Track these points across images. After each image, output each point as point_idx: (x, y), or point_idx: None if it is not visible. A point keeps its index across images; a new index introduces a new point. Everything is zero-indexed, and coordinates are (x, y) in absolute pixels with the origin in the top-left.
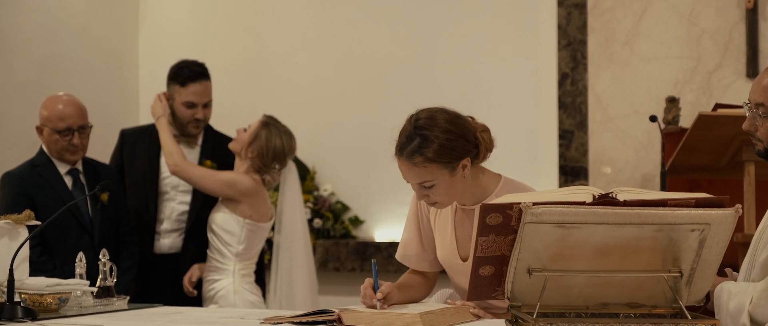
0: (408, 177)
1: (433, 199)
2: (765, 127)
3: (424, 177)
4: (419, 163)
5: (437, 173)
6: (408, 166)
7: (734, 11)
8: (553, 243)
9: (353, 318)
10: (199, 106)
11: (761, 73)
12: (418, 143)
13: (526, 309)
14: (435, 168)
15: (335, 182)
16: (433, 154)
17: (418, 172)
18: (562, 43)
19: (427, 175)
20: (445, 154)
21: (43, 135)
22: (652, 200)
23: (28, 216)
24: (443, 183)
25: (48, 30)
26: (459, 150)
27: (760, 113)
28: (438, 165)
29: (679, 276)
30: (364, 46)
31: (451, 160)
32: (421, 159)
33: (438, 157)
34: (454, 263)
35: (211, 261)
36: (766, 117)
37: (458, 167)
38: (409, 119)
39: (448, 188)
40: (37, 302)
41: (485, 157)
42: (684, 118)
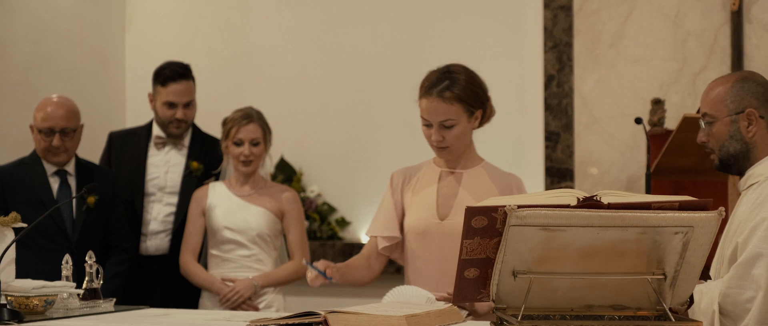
0: (435, 115)
1: (447, 141)
2: (713, 136)
3: (449, 114)
4: (448, 98)
5: (460, 114)
6: (437, 103)
7: (719, 13)
8: (538, 246)
9: (339, 320)
10: (179, 105)
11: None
12: (448, 83)
13: (511, 312)
14: (459, 108)
15: (322, 183)
16: (461, 91)
17: (445, 109)
18: (548, 45)
19: (452, 114)
20: (470, 96)
21: (33, 134)
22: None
23: (15, 219)
24: (461, 125)
25: (34, 31)
26: (480, 97)
27: (707, 122)
28: (462, 106)
29: (663, 279)
30: (350, 47)
31: (472, 105)
32: (451, 94)
33: (465, 96)
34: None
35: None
36: (711, 125)
37: (474, 115)
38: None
39: (462, 133)
40: (24, 304)
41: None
42: (669, 119)
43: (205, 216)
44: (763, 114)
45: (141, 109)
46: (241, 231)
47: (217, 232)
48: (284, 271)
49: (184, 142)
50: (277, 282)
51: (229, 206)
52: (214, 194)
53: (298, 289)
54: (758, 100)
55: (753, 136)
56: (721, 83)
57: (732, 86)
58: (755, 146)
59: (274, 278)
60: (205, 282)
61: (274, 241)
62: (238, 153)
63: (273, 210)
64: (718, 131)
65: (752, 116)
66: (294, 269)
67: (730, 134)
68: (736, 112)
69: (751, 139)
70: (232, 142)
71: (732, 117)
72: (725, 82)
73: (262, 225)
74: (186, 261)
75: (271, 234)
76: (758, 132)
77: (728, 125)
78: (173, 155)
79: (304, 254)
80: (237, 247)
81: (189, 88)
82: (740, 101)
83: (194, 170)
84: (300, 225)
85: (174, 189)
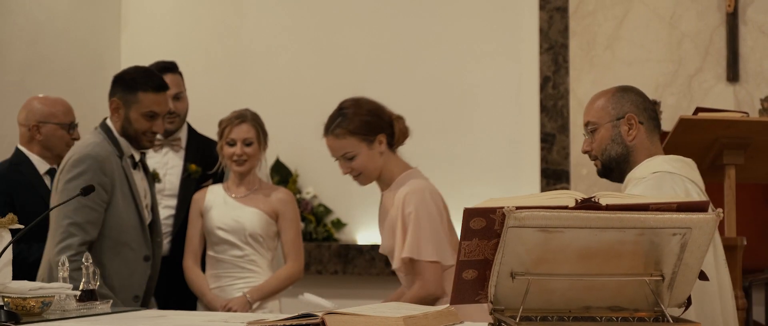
0: (334, 151)
1: (355, 171)
2: (597, 142)
3: (345, 148)
4: (340, 134)
5: (356, 145)
6: (332, 140)
7: (715, 15)
8: (536, 247)
9: (337, 322)
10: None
11: (592, 97)
12: (339, 119)
13: (509, 313)
14: (354, 140)
15: (318, 185)
16: (350, 124)
17: (340, 144)
18: (543, 47)
19: (348, 147)
20: (361, 126)
21: (42, 132)
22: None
23: (11, 220)
24: (362, 154)
25: (30, 32)
26: (374, 125)
27: (591, 130)
28: (357, 138)
29: (661, 280)
30: (346, 49)
31: (368, 133)
32: (341, 130)
33: (355, 128)
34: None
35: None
36: (593, 132)
37: (375, 142)
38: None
39: (367, 160)
40: (20, 306)
41: (400, 143)
42: (665, 121)
43: (203, 218)
44: (641, 120)
45: None
46: (234, 231)
47: (211, 233)
48: (276, 281)
49: (181, 144)
50: (271, 293)
51: (224, 207)
52: (211, 196)
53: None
54: (637, 107)
55: (633, 140)
56: (602, 95)
57: (613, 95)
58: (635, 150)
59: (268, 290)
60: (198, 292)
61: (269, 242)
62: (231, 153)
63: (267, 211)
64: (601, 137)
65: (632, 121)
66: (287, 275)
67: (612, 138)
68: (617, 117)
69: (631, 142)
70: (225, 143)
71: (613, 122)
72: (606, 94)
73: (255, 225)
74: (187, 267)
75: (264, 235)
76: (638, 136)
77: (610, 130)
78: (171, 157)
79: (298, 255)
80: (230, 248)
81: (176, 80)
82: (621, 108)
83: (192, 172)
84: (295, 226)
85: (173, 191)
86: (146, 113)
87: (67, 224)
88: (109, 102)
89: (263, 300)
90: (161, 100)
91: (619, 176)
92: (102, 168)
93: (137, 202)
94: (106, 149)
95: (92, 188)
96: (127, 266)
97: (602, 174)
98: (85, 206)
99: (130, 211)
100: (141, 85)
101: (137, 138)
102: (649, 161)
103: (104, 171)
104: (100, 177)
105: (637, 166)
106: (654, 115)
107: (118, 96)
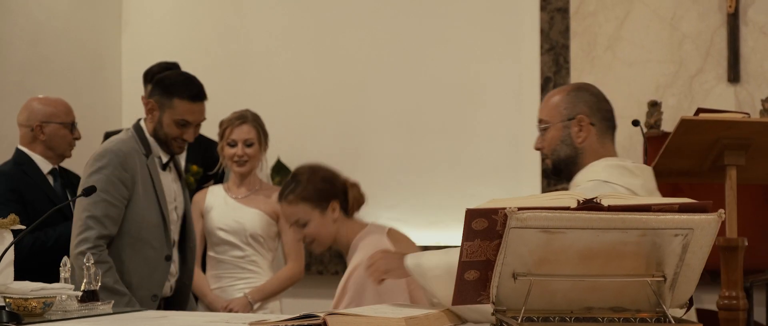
0: (286, 218)
1: (308, 237)
2: (547, 141)
3: (297, 215)
4: (292, 201)
5: (308, 212)
6: (285, 207)
7: (716, 16)
8: (538, 248)
9: (338, 322)
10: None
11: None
12: (292, 186)
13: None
14: (306, 207)
15: None
16: (302, 192)
17: (292, 211)
18: (544, 47)
19: (300, 214)
20: (313, 194)
21: (45, 132)
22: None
23: (13, 221)
24: (314, 222)
25: (30, 32)
26: (326, 192)
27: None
28: (309, 205)
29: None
30: (346, 49)
31: (320, 200)
32: (294, 197)
33: (307, 195)
34: None
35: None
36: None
37: (328, 209)
38: None
39: (320, 227)
40: (22, 306)
41: (355, 209)
42: (665, 122)
43: (204, 218)
44: (594, 121)
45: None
46: (234, 232)
47: (212, 234)
48: (277, 281)
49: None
50: (272, 294)
51: (225, 208)
52: (211, 197)
53: (296, 291)
54: (590, 108)
55: (583, 142)
56: (557, 92)
57: (567, 94)
58: (584, 152)
59: (269, 290)
60: (199, 292)
61: (269, 243)
62: (231, 153)
63: (267, 211)
64: (551, 136)
65: (583, 122)
66: (288, 275)
67: (562, 139)
68: (569, 117)
69: (580, 144)
70: (226, 143)
71: (564, 122)
72: (561, 92)
73: (255, 226)
74: None
75: (265, 235)
76: (588, 138)
77: (561, 130)
78: None
79: (299, 256)
80: (231, 248)
81: None
82: (573, 108)
83: (194, 173)
84: None
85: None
86: (178, 120)
87: (85, 217)
88: (145, 101)
89: (264, 301)
90: (196, 109)
91: (568, 177)
92: (122, 163)
93: (160, 201)
94: (130, 146)
95: (93, 188)
96: (147, 264)
97: (552, 173)
98: (103, 200)
99: (152, 210)
100: (178, 92)
101: (167, 142)
102: (591, 167)
103: (124, 166)
104: (120, 172)
105: (581, 171)
106: (609, 116)
107: (155, 98)
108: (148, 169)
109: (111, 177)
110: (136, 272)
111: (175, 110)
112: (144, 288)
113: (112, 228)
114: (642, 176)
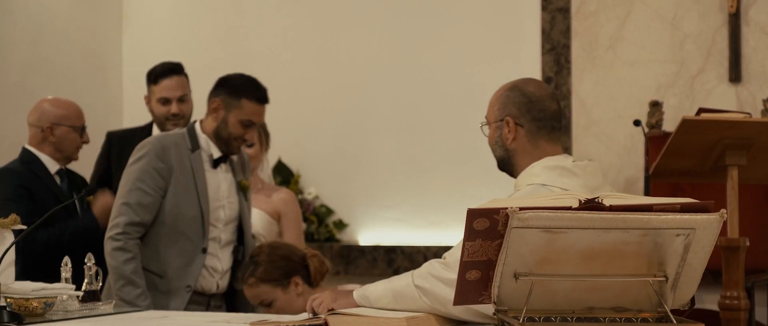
0: (252, 300)
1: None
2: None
3: (261, 296)
4: (253, 284)
5: (270, 291)
6: (247, 289)
7: (717, 16)
8: (540, 248)
9: (340, 322)
10: (173, 100)
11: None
12: (251, 269)
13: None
14: (268, 287)
15: (319, 185)
16: (262, 274)
17: (255, 293)
18: (545, 47)
19: (264, 294)
20: (272, 273)
21: (55, 134)
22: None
23: (14, 221)
24: (279, 300)
25: (31, 33)
26: (286, 269)
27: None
28: (269, 285)
29: (665, 281)
30: (348, 50)
31: (281, 279)
32: (254, 279)
33: (267, 276)
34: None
35: None
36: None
37: (290, 285)
38: None
39: (286, 304)
40: (23, 306)
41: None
42: (667, 122)
43: None
44: (521, 122)
45: (138, 111)
46: None
47: None
48: None
49: None
50: None
51: None
52: None
53: None
54: (519, 109)
55: (512, 143)
56: (499, 89)
57: (501, 94)
58: (516, 153)
59: None
60: None
61: None
62: None
63: (269, 211)
64: (489, 136)
65: (509, 123)
66: None
67: (495, 140)
68: (500, 118)
69: (510, 145)
70: None
71: (497, 123)
72: (498, 91)
73: (257, 226)
74: None
75: (266, 235)
76: (517, 140)
77: (494, 131)
78: None
79: None
80: None
81: (181, 82)
82: (503, 109)
83: None
84: (297, 226)
85: None
86: (244, 121)
87: (120, 204)
88: (208, 101)
89: None
90: (261, 111)
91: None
92: (159, 155)
93: (200, 195)
94: (173, 139)
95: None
96: (183, 256)
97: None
98: (138, 188)
99: (191, 202)
100: (246, 93)
101: (229, 142)
102: (530, 169)
103: (161, 157)
104: (157, 162)
105: (522, 173)
106: (541, 116)
107: (222, 97)
108: (190, 163)
109: (147, 166)
110: (172, 262)
111: (242, 110)
112: (179, 278)
113: (145, 216)
114: (583, 175)
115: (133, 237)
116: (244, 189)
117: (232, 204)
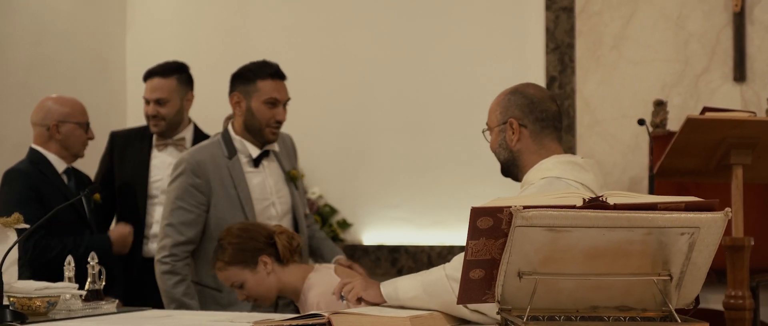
0: (225, 283)
1: (250, 296)
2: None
3: (231, 279)
4: (222, 268)
5: (239, 273)
6: (219, 274)
7: (721, 15)
8: (544, 247)
9: (343, 321)
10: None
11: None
12: (218, 253)
13: (517, 313)
14: (235, 269)
15: (323, 185)
16: (228, 257)
17: (226, 276)
18: (549, 47)
19: (233, 277)
20: (239, 255)
21: (61, 131)
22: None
23: (17, 220)
24: (249, 281)
25: (34, 33)
26: (251, 250)
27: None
28: (237, 267)
29: (669, 280)
30: (352, 49)
31: (247, 260)
32: (221, 263)
33: (234, 259)
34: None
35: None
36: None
37: (259, 264)
38: None
39: (257, 285)
40: (26, 305)
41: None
42: (672, 121)
43: None
44: (525, 123)
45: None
46: None
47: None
48: None
49: (186, 143)
50: None
51: None
52: None
53: None
54: (522, 111)
55: (517, 145)
56: (499, 95)
57: (502, 99)
58: (521, 154)
59: None
60: None
61: None
62: None
63: None
64: (492, 141)
65: (513, 125)
66: None
67: (499, 144)
68: (502, 122)
69: (515, 147)
70: None
71: (500, 126)
72: (499, 96)
73: None
74: None
75: None
76: (522, 141)
77: (498, 135)
78: (176, 157)
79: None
80: None
81: (163, 85)
82: (506, 112)
83: None
84: None
85: None
86: (267, 100)
87: (164, 225)
88: (230, 98)
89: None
90: (280, 86)
91: (516, 178)
92: (195, 170)
93: (243, 201)
94: (207, 152)
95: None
96: None
97: (504, 174)
98: (179, 207)
99: (235, 211)
100: (258, 74)
101: (261, 130)
102: (542, 164)
103: (197, 173)
104: (193, 179)
105: (531, 170)
106: (544, 116)
107: (239, 89)
108: (228, 171)
109: (185, 184)
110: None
111: (260, 92)
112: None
113: (190, 234)
114: (591, 171)
115: (181, 258)
116: (293, 179)
117: (282, 198)
